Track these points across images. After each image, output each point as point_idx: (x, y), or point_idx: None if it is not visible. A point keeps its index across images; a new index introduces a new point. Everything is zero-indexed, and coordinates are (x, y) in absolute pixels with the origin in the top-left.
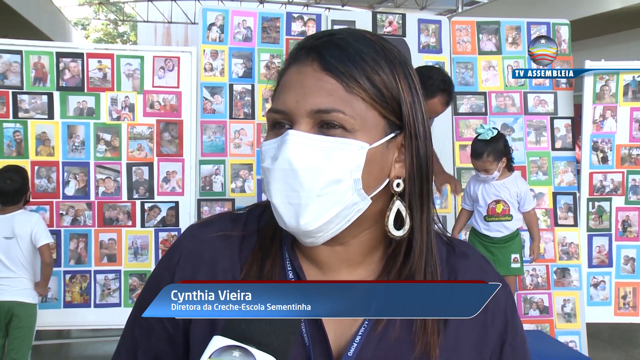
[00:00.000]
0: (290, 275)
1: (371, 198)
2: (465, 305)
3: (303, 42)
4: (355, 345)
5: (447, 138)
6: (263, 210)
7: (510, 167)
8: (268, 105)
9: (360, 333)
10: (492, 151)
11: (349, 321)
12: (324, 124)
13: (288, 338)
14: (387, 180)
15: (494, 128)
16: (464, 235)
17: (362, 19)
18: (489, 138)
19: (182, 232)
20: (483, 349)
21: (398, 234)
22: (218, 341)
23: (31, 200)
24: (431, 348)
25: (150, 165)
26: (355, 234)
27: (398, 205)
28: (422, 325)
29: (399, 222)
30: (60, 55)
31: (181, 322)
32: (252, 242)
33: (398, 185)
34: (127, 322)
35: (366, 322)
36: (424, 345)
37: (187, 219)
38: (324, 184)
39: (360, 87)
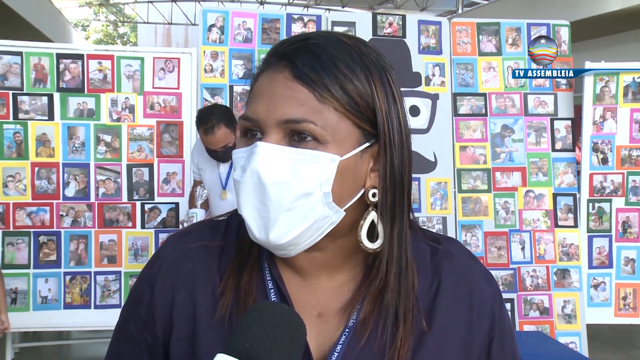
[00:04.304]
0: (270, 285)
1: (345, 210)
2: (450, 305)
3: (276, 48)
4: (336, 354)
5: (447, 139)
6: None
7: None
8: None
9: (341, 342)
10: None
11: (330, 330)
12: (295, 134)
13: (292, 357)
14: (362, 191)
15: None
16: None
17: (362, 20)
18: None
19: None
20: (469, 348)
21: (372, 246)
22: (221, 359)
23: (31, 201)
24: (400, 353)
25: (150, 166)
26: (331, 240)
27: (373, 216)
28: (404, 331)
29: (376, 233)
30: (60, 56)
31: (161, 335)
32: (231, 251)
33: (374, 195)
34: (113, 333)
35: (347, 331)
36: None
37: None
38: (292, 198)
39: (332, 97)
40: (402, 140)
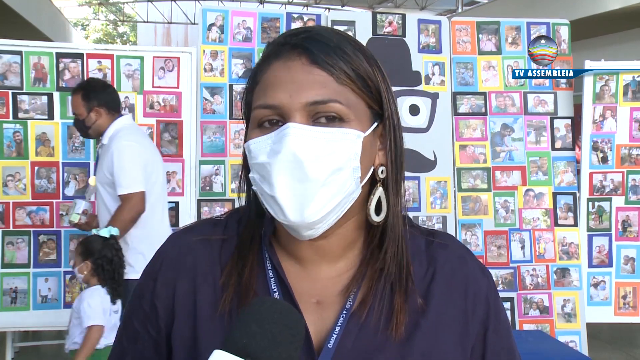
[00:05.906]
0: (270, 274)
1: (362, 186)
2: (446, 292)
3: (284, 39)
4: (334, 336)
5: (447, 138)
6: (242, 215)
7: None
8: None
9: (339, 324)
10: None
11: (328, 313)
12: (320, 117)
13: (290, 354)
14: (372, 169)
15: None
16: (463, 235)
17: (362, 20)
18: None
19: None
20: (465, 337)
21: (378, 219)
22: (219, 356)
23: (31, 200)
24: (397, 327)
25: None
26: (340, 224)
27: (380, 192)
28: (400, 312)
29: (377, 209)
30: (60, 55)
31: (164, 327)
32: (232, 245)
33: (382, 172)
34: (117, 331)
35: (344, 313)
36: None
37: (187, 219)
38: (328, 173)
39: (349, 79)
40: (399, 120)
